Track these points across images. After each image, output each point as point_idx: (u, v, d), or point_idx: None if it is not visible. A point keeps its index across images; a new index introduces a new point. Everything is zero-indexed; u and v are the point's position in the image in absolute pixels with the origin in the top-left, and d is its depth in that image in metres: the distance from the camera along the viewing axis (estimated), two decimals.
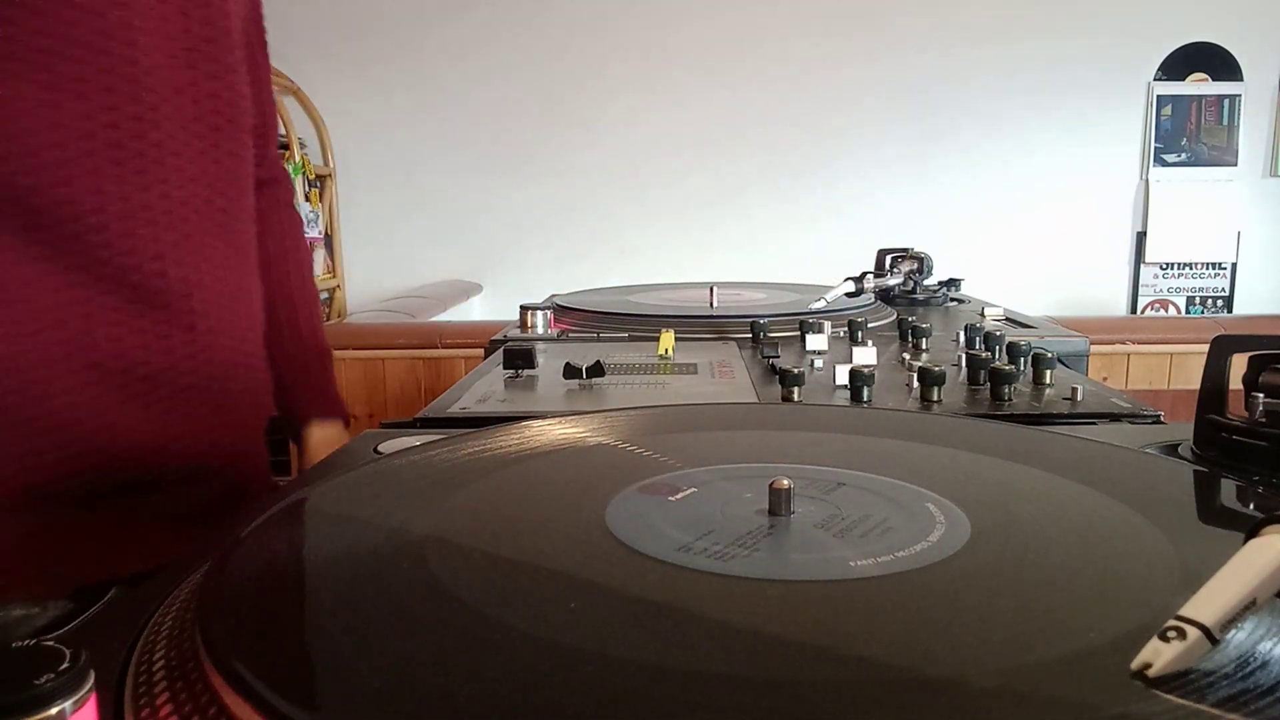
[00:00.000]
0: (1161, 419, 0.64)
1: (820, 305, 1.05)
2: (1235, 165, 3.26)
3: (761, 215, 3.24)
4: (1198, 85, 3.23)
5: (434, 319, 2.56)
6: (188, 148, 0.57)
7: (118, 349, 0.53)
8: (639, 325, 1.04)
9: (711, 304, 1.17)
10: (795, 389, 0.69)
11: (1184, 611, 0.26)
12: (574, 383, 0.75)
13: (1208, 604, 0.26)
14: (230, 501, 0.62)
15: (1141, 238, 3.31)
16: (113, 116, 0.52)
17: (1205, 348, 0.54)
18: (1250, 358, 0.53)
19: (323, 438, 0.80)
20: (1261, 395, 0.52)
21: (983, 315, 1.11)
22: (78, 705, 0.22)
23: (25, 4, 0.49)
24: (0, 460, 0.51)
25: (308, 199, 2.94)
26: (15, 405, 0.50)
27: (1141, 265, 3.32)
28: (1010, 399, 0.69)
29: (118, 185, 0.53)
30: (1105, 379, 1.81)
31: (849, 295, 1.12)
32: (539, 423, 0.55)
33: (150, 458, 0.55)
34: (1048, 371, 0.73)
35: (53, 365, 0.51)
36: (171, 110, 0.55)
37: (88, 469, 0.53)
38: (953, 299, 1.29)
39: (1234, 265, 3.31)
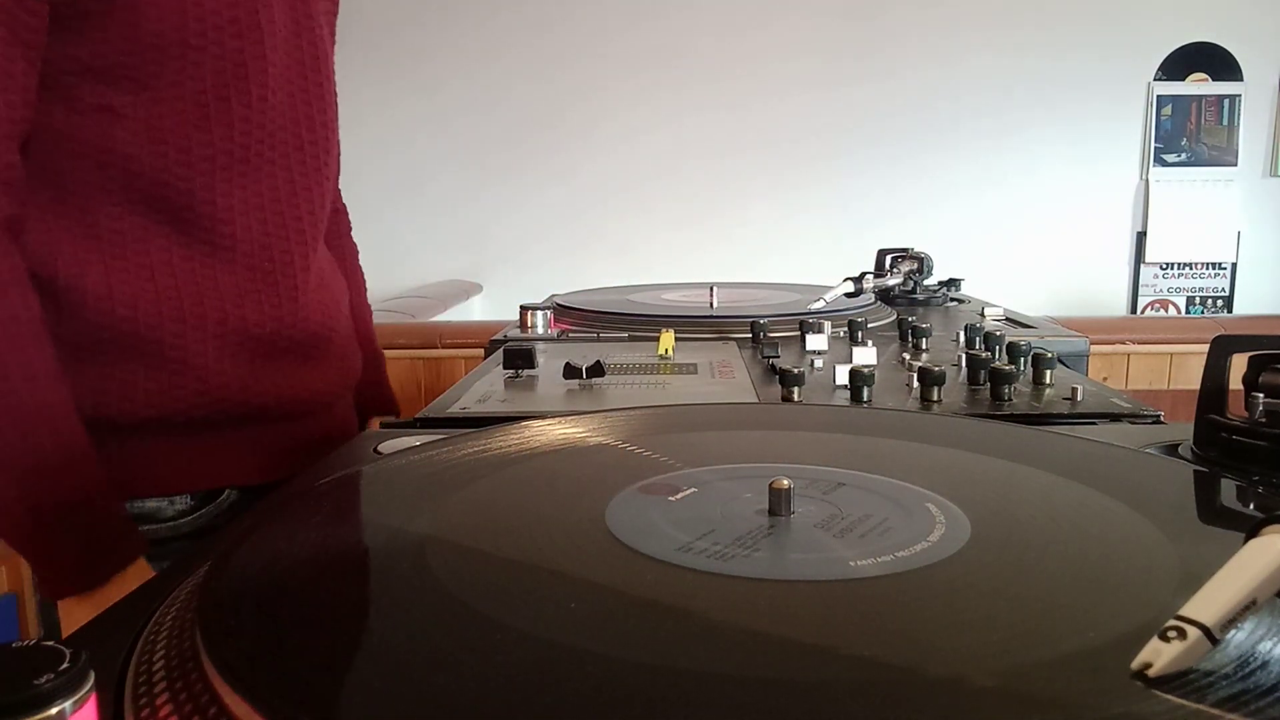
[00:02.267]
0: (1161, 419, 0.64)
1: (820, 305, 1.05)
2: (1235, 165, 3.26)
3: (761, 215, 3.24)
4: (1198, 85, 3.23)
5: (434, 319, 2.56)
6: (300, 165, 0.74)
7: (239, 313, 0.70)
8: (639, 325, 1.04)
9: (711, 304, 1.17)
10: (795, 389, 0.69)
11: (1184, 611, 0.26)
12: (574, 383, 0.75)
13: (1208, 604, 0.26)
14: (319, 442, 0.77)
15: (1141, 238, 3.31)
16: (246, 140, 0.69)
17: (1205, 348, 0.54)
18: (1250, 358, 0.53)
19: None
20: (1261, 395, 0.52)
21: (983, 315, 1.11)
22: (78, 705, 0.22)
23: (191, 57, 0.65)
24: (142, 394, 0.67)
25: None
26: (156, 354, 0.67)
27: (1141, 265, 3.32)
28: (1010, 399, 0.69)
29: (243, 191, 0.70)
30: (1105, 379, 1.81)
31: (848, 295, 1.12)
32: (539, 423, 0.55)
33: (254, 399, 0.71)
34: (1048, 371, 0.73)
35: (188, 324, 0.68)
36: (286, 135, 0.73)
37: (207, 404, 0.69)
38: (953, 299, 1.29)
39: (1234, 265, 3.31)
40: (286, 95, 0.72)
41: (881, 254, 1.28)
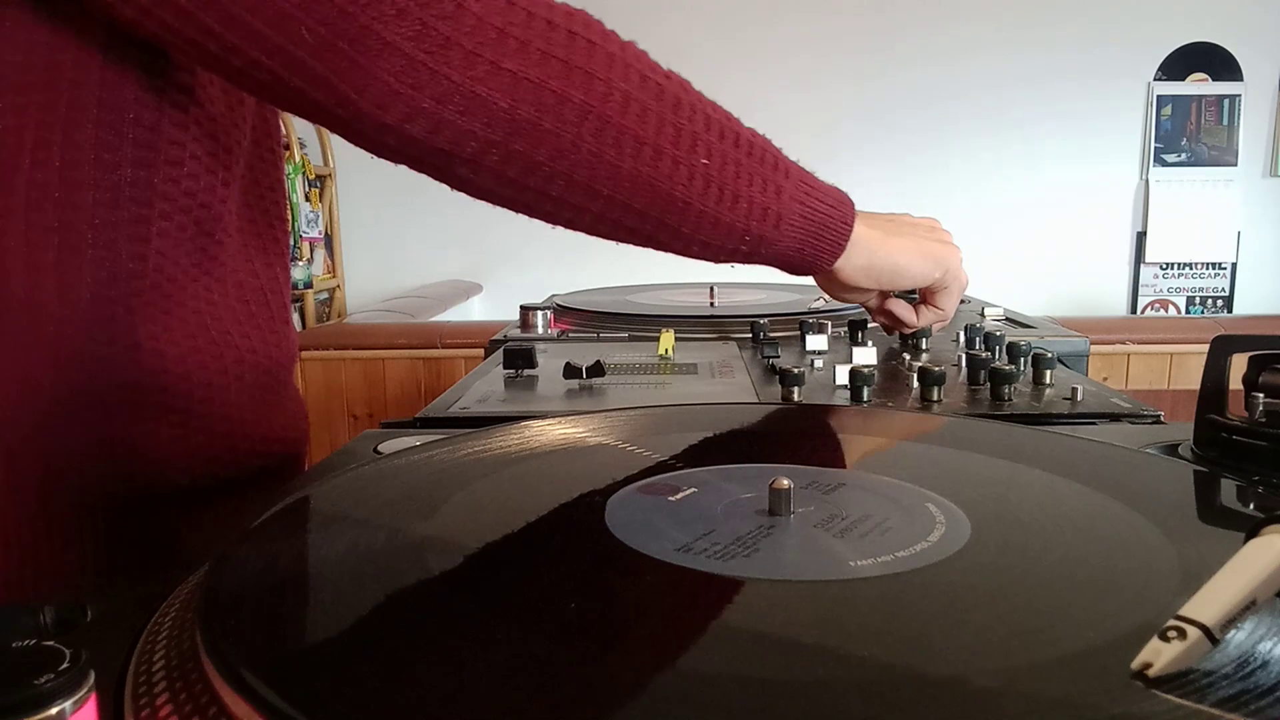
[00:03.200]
0: (1161, 419, 0.64)
1: (820, 305, 1.05)
2: (1235, 165, 3.27)
3: None
4: (1198, 85, 3.23)
5: (434, 319, 2.57)
6: (259, 160, 0.63)
7: (247, 345, 0.59)
8: (639, 325, 1.04)
9: (711, 304, 1.17)
10: (795, 389, 0.69)
11: (1184, 611, 0.26)
12: (574, 383, 0.75)
13: (1208, 604, 0.26)
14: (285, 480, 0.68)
15: (1141, 238, 3.31)
16: (258, 189, 0.60)
17: (1205, 348, 0.54)
18: (1250, 358, 0.53)
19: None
20: (1261, 395, 0.52)
21: (983, 315, 1.11)
22: (78, 705, 0.22)
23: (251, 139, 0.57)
24: (159, 454, 0.54)
25: (308, 199, 2.94)
26: (188, 408, 0.54)
27: (1141, 265, 3.33)
28: (1010, 399, 0.69)
29: (254, 225, 0.60)
30: (1105, 379, 1.81)
31: None
32: (539, 423, 0.55)
33: (271, 445, 0.61)
34: (1048, 371, 0.73)
35: (207, 366, 0.55)
36: (280, 172, 0.64)
37: (240, 459, 0.58)
38: None
39: (1234, 265, 3.32)
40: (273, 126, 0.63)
41: None
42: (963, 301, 1.28)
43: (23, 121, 0.45)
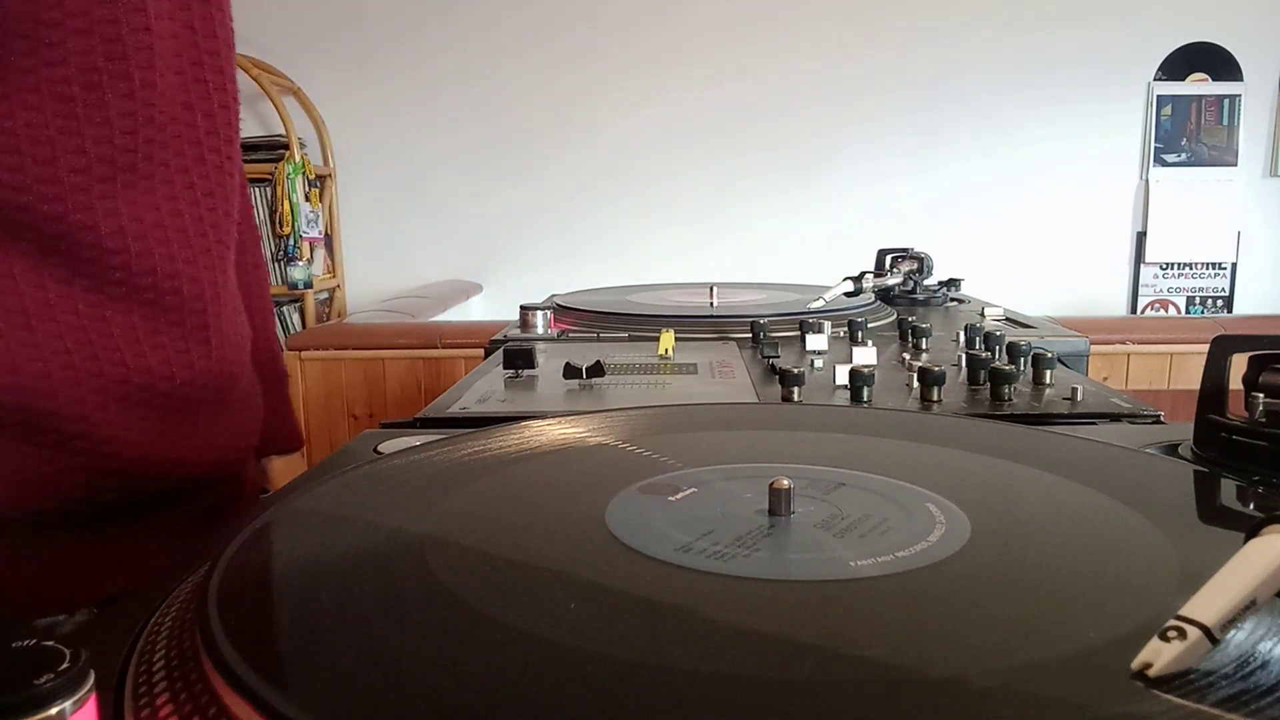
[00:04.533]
0: (1161, 419, 0.64)
1: (819, 305, 1.05)
2: (1235, 165, 3.26)
3: (762, 215, 3.24)
4: (1198, 85, 3.23)
5: (434, 319, 2.56)
6: (198, 163, 0.57)
7: (142, 364, 0.54)
8: (639, 325, 1.04)
9: (711, 304, 1.17)
10: (795, 389, 0.69)
11: (1184, 611, 0.26)
12: (574, 383, 0.75)
13: (1208, 604, 0.26)
14: (237, 508, 0.63)
15: (1141, 238, 3.31)
16: (129, 140, 0.53)
17: (1205, 348, 0.54)
18: (1250, 358, 0.53)
19: (281, 468, 0.79)
20: (1261, 395, 0.52)
21: (983, 315, 1.11)
22: (78, 705, 0.22)
23: (44, 36, 0.49)
24: (35, 480, 0.51)
25: (308, 199, 2.94)
26: (49, 428, 0.51)
27: (1141, 265, 3.32)
28: (1010, 399, 0.69)
29: (133, 206, 0.53)
30: (1105, 379, 1.81)
31: (847, 295, 1.12)
32: (539, 423, 0.55)
33: (175, 469, 0.57)
34: (1048, 371, 0.73)
35: (82, 385, 0.52)
36: (181, 128, 0.56)
37: (112, 485, 0.54)
38: (953, 299, 1.29)
39: (1234, 265, 3.31)
40: (176, 75, 0.55)
41: (881, 254, 1.28)
42: (962, 301, 1.28)
43: None
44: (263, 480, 0.73)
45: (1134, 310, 3.35)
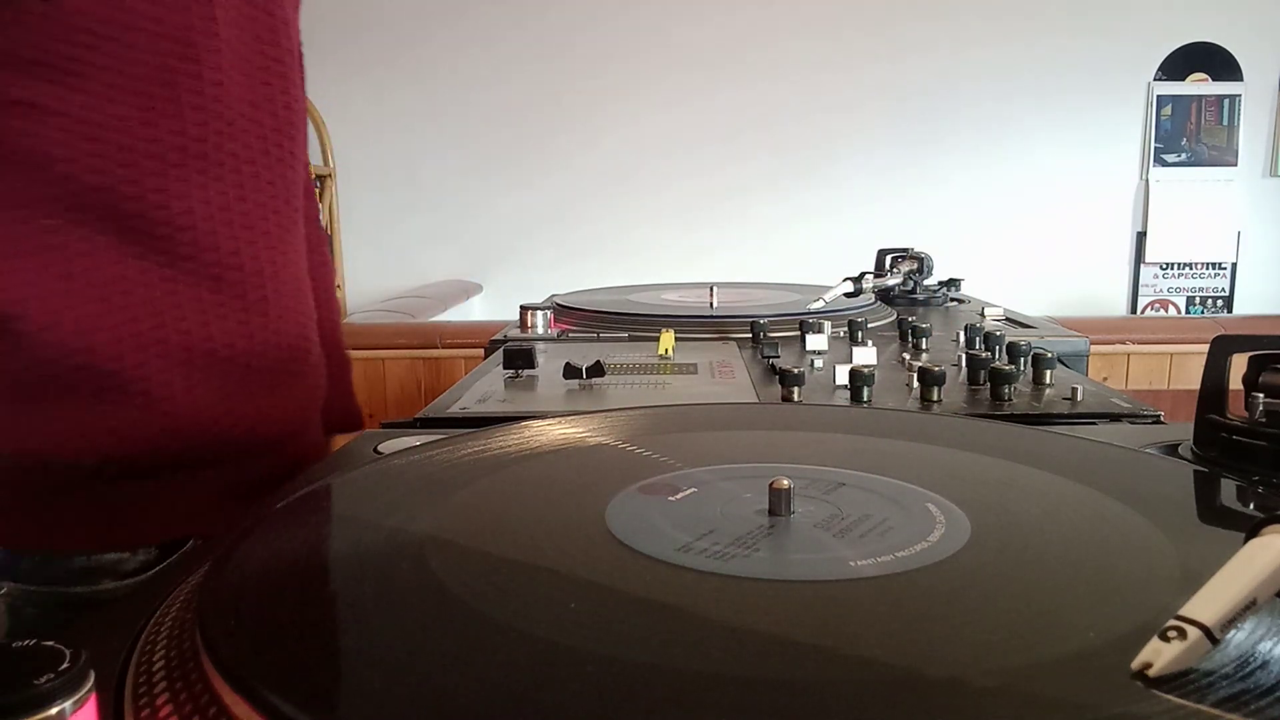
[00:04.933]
0: (1161, 419, 0.64)
1: (819, 305, 1.05)
2: (1235, 165, 3.26)
3: (762, 215, 3.24)
4: (1198, 85, 3.23)
5: (434, 319, 2.56)
6: (263, 155, 0.65)
7: (204, 333, 0.61)
8: (639, 325, 1.04)
9: (711, 304, 1.17)
10: (795, 389, 0.69)
11: (1184, 611, 0.26)
12: (574, 383, 0.75)
13: (1208, 604, 0.26)
14: (285, 475, 0.68)
15: (1141, 238, 3.31)
16: (201, 131, 0.60)
17: (1205, 348, 0.54)
18: (1250, 358, 0.53)
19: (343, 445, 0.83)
20: (1261, 395, 0.52)
21: (983, 315, 1.11)
22: (78, 705, 0.22)
23: (127, 40, 0.56)
24: (104, 434, 0.58)
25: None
26: (116, 387, 0.57)
27: (1141, 265, 3.32)
28: (1010, 399, 0.69)
29: (203, 191, 0.60)
30: (1105, 379, 1.81)
31: (847, 295, 1.12)
32: (539, 423, 0.55)
33: (229, 431, 0.63)
34: (1048, 371, 0.73)
35: (147, 350, 0.58)
36: (247, 124, 0.63)
37: (176, 440, 0.60)
38: (953, 299, 1.29)
39: (1234, 265, 3.31)
40: (243, 75, 0.62)
41: (881, 254, 1.28)
42: (962, 302, 1.28)
43: None
44: (325, 454, 0.77)
45: (1134, 310, 3.35)
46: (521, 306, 1.04)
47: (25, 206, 0.56)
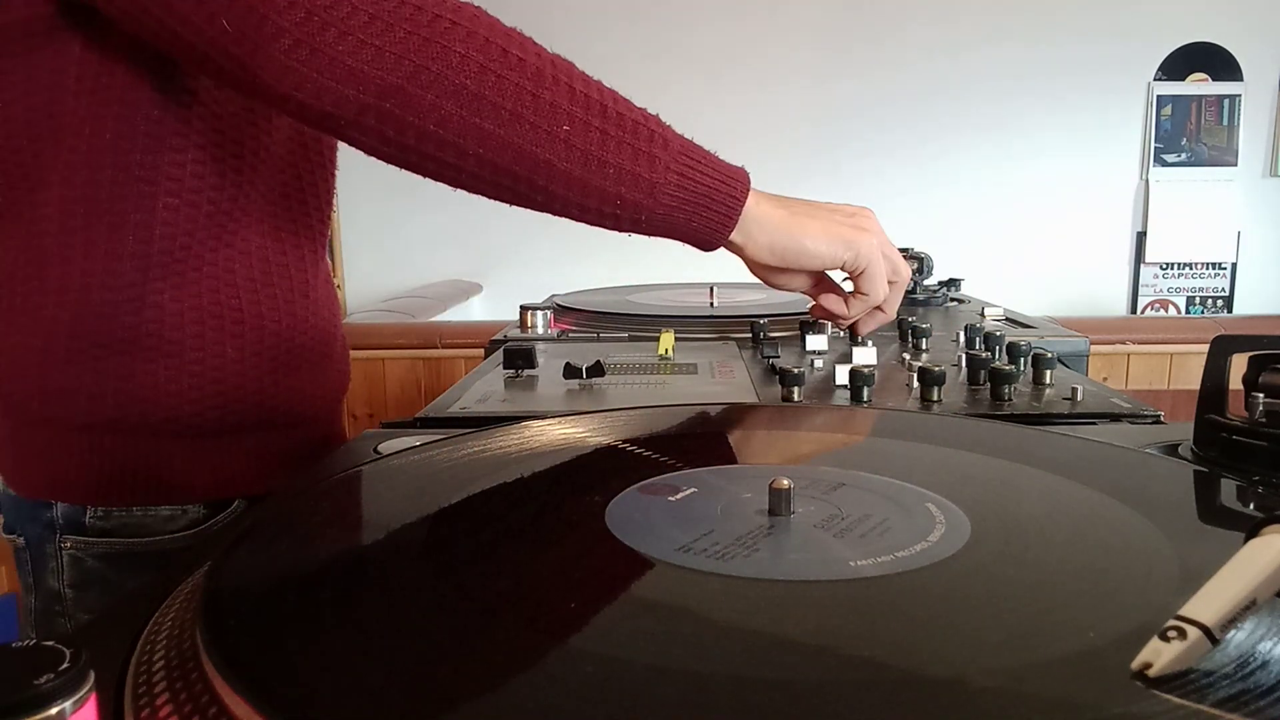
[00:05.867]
0: (1161, 419, 0.64)
1: None
2: (1235, 165, 3.26)
3: None
4: (1198, 85, 3.23)
5: (434, 319, 2.56)
6: (301, 158, 0.73)
7: (255, 311, 0.68)
8: (639, 325, 1.04)
9: (711, 304, 1.17)
10: (795, 389, 0.69)
11: (1184, 611, 0.26)
12: (574, 383, 0.75)
13: (1208, 604, 0.26)
14: (321, 450, 0.74)
15: (1141, 238, 3.31)
16: (297, 183, 0.72)
17: (1205, 348, 0.54)
18: (1250, 358, 0.53)
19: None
20: (1261, 395, 0.52)
21: (983, 315, 1.11)
22: (78, 705, 0.22)
23: (260, 152, 0.67)
24: (165, 395, 0.65)
25: None
26: (177, 354, 0.65)
27: (1141, 265, 3.32)
28: (1010, 399, 0.69)
29: (260, 186, 0.69)
30: (1105, 379, 1.81)
31: None
32: (539, 423, 0.55)
33: (269, 401, 0.69)
34: (1048, 371, 0.73)
35: (205, 322, 0.66)
36: (295, 129, 0.72)
37: (224, 406, 0.67)
38: (953, 299, 1.29)
39: (1234, 265, 3.32)
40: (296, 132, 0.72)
41: None
42: (962, 302, 1.28)
43: (59, 120, 0.60)
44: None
45: (1134, 310, 3.35)
46: (521, 306, 1.04)
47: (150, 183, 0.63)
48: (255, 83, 0.55)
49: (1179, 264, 3.33)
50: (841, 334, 0.98)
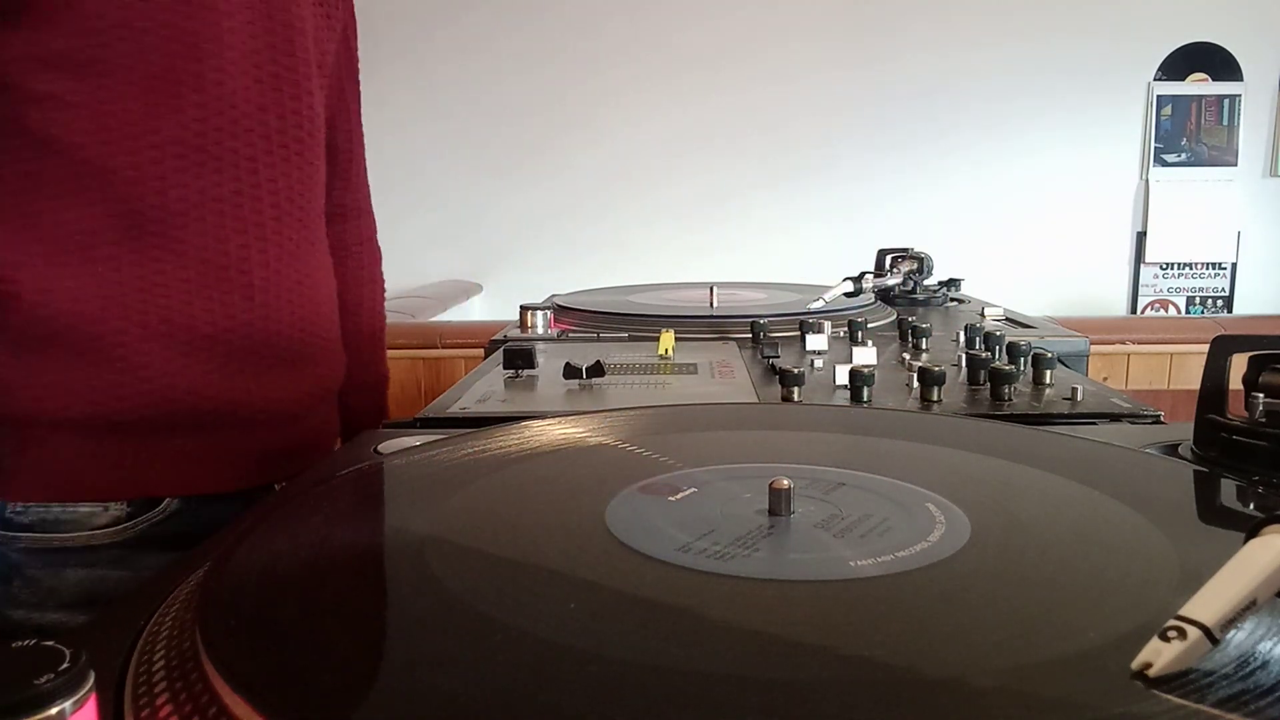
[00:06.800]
0: (1161, 419, 0.64)
1: (819, 305, 1.05)
2: (1235, 165, 3.26)
3: (761, 215, 3.24)
4: (1198, 85, 3.23)
5: (434, 319, 2.56)
6: (267, 155, 0.69)
7: (186, 311, 0.66)
8: (639, 325, 1.04)
9: (711, 304, 1.17)
10: (795, 389, 0.69)
11: (1184, 611, 0.26)
12: (574, 383, 0.75)
13: (1208, 604, 0.26)
14: (285, 454, 0.73)
15: (1141, 238, 3.30)
16: (202, 128, 0.66)
17: (1205, 348, 0.54)
18: (1250, 358, 0.53)
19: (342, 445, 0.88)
20: (1261, 395, 0.52)
21: (983, 315, 1.11)
22: (78, 705, 0.22)
23: (130, 36, 0.62)
24: (84, 391, 0.64)
25: None
26: (98, 351, 0.64)
27: (1141, 265, 3.32)
28: (1010, 399, 0.69)
29: (199, 181, 0.66)
30: (1105, 379, 1.81)
31: (847, 295, 1.12)
32: (539, 423, 0.55)
33: (205, 402, 0.67)
34: (1048, 371, 0.73)
35: (131, 322, 0.64)
36: (253, 124, 0.68)
37: (152, 406, 0.65)
38: (953, 299, 1.29)
39: (1234, 265, 3.31)
40: (252, 80, 0.68)
41: (881, 254, 1.28)
42: (962, 301, 1.28)
43: None
44: (328, 437, 0.83)
45: (1134, 310, 3.35)
46: (521, 306, 1.04)
47: (37, 188, 0.62)
48: None
49: (1179, 264, 3.32)
50: (842, 334, 0.98)
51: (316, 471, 0.56)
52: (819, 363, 0.83)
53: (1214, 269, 3.32)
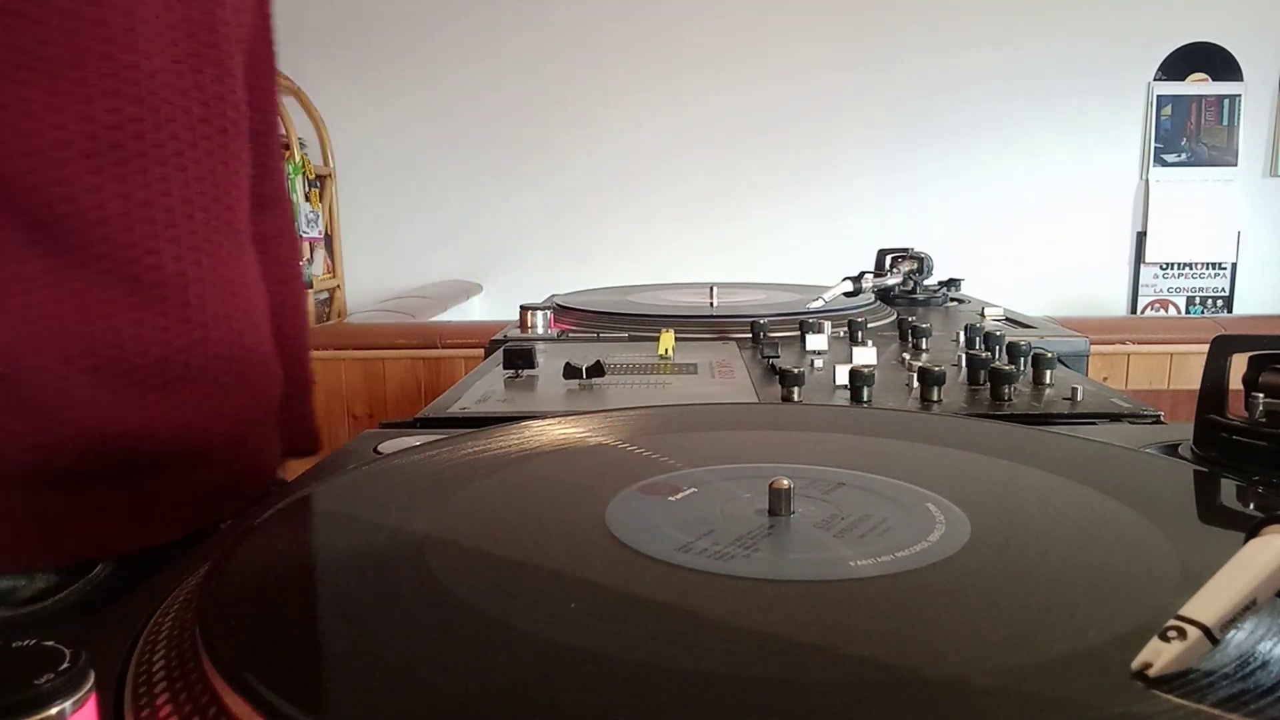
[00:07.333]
0: (1161, 419, 0.64)
1: (818, 305, 1.05)
2: (1235, 165, 3.26)
3: (761, 215, 3.25)
4: (1198, 85, 3.23)
5: (434, 319, 2.57)
6: (191, 147, 0.59)
7: (115, 339, 0.55)
8: (639, 325, 1.04)
9: (711, 304, 1.17)
10: (795, 389, 0.69)
11: (1184, 611, 0.26)
12: (574, 383, 0.75)
13: (1208, 604, 0.26)
14: (229, 488, 0.63)
15: (1141, 238, 3.31)
16: (115, 119, 0.54)
17: (1205, 348, 0.54)
18: (1250, 358, 0.53)
19: (294, 467, 0.79)
20: (1261, 395, 0.52)
21: (983, 315, 1.11)
22: (78, 705, 0.22)
23: (27, 14, 0.51)
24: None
25: (308, 199, 2.94)
26: (12, 392, 0.52)
27: (1141, 265, 3.32)
28: (1010, 399, 0.69)
29: (118, 184, 0.55)
30: (1105, 379, 1.81)
31: (847, 295, 1.12)
32: (539, 423, 0.55)
33: (144, 443, 0.57)
34: (1048, 371, 0.73)
35: (46, 353, 0.53)
36: (174, 113, 0.57)
37: (81, 451, 0.54)
38: (953, 299, 1.29)
39: (1234, 265, 3.32)
40: (170, 60, 0.57)
41: (881, 254, 1.28)
42: (962, 301, 1.28)
43: None
44: (278, 475, 0.74)
45: (1134, 310, 3.35)
46: (521, 306, 1.04)
47: None
48: None
49: (1179, 264, 3.33)
50: (842, 334, 0.98)
51: (316, 471, 0.56)
52: (819, 363, 0.83)
53: (1214, 269, 3.33)
